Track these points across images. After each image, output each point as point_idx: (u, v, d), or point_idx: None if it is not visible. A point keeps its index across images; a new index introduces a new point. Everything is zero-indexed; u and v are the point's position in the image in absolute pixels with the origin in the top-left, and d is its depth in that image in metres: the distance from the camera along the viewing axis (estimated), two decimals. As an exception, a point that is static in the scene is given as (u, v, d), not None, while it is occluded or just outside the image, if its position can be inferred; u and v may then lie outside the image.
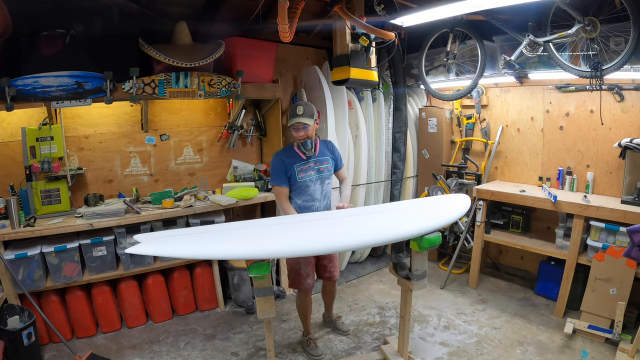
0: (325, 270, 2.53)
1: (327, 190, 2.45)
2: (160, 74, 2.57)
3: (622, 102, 2.78)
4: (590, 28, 2.43)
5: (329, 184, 2.46)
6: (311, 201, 2.39)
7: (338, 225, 2.04)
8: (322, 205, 2.41)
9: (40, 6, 2.37)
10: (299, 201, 2.40)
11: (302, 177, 2.35)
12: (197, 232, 1.93)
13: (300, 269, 2.41)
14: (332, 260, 2.53)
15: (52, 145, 2.57)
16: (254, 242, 1.79)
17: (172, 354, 2.51)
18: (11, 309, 2.29)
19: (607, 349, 2.40)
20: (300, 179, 2.35)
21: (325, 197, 2.44)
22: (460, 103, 3.80)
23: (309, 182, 2.37)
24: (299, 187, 2.38)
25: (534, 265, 3.38)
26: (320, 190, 2.40)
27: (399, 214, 2.20)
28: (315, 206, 2.39)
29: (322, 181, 2.41)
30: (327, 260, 2.51)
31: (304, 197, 2.38)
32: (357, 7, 2.68)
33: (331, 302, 2.78)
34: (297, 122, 2.31)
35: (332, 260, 2.53)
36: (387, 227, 1.97)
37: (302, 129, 2.32)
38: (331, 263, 2.53)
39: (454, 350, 2.48)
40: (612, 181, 2.88)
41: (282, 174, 2.36)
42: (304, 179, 2.36)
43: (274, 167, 2.40)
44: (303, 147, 2.35)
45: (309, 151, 2.35)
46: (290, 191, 2.42)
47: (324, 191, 2.42)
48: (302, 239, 1.84)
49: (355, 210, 2.35)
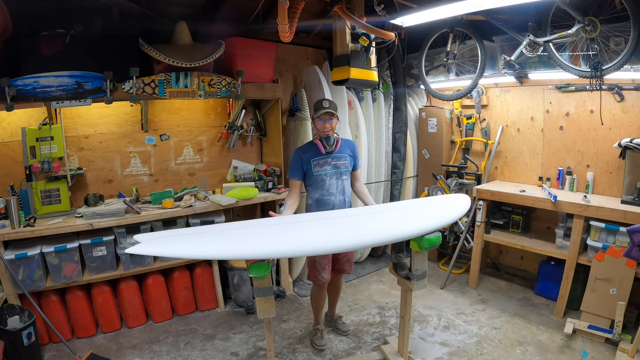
0: (338, 263, 2.54)
1: (343, 186, 2.45)
2: (160, 74, 2.57)
3: (622, 102, 2.79)
4: (590, 28, 2.43)
5: (346, 180, 2.46)
6: (327, 195, 2.41)
7: (339, 225, 2.04)
8: (338, 200, 2.42)
9: (40, 6, 2.37)
10: (315, 195, 2.43)
11: (317, 171, 2.39)
12: (197, 232, 1.92)
13: (316, 261, 2.46)
14: (346, 255, 2.54)
15: (52, 145, 2.57)
16: (254, 242, 1.79)
17: (172, 354, 2.51)
18: (11, 309, 2.29)
19: (607, 349, 2.40)
20: (315, 173, 2.39)
21: (341, 193, 2.44)
22: (460, 103, 3.80)
23: (324, 177, 2.39)
24: (314, 181, 2.41)
25: (534, 265, 3.38)
26: (336, 185, 2.42)
27: (399, 214, 2.20)
28: (332, 200, 2.41)
29: (338, 176, 2.42)
30: (341, 254, 2.52)
31: (321, 192, 2.41)
32: (357, 7, 2.68)
33: (334, 299, 2.79)
34: (324, 113, 2.34)
35: (346, 255, 2.54)
36: (388, 227, 1.96)
37: (328, 121, 2.35)
38: (345, 257, 2.54)
39: (454, 350, 2.48)
40: (612, 181, 2.88)
41: (297, 168, 2.41)
42: (319, 172, 2.39)
43: (292, 161, 2.47)
44: (326, 142, 2.38)
45: (331, 147, 2.38)
46: (307, 185, 2.46)
47: (340, 186, 2.43)
48: (302, 239, 1.83)
49: (356, 211, 2.35)
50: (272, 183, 3.30)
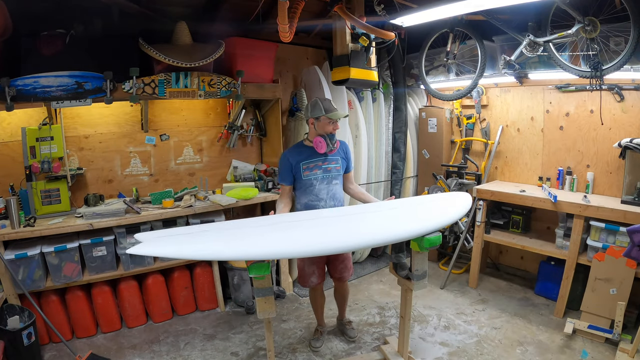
0: (335, 271, 2.50)
1: (334, 192, 2.38)
2: (160, 74, 2.57)
3: (622, 102, 2.78)
4: (590, 28, 2.43)
5: (337, 185, 2.40)
6: (316, 201, 2.34)
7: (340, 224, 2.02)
8: (328, 206, 2.35)
9: (40, 6, 2.37)
10: (304, 200, 2.37)
11: (306, 175, 2.33)
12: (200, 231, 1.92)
13: (304, 268, 2.44)
14: (343, 261, 2.49)
15: (52, 145, 2.57)
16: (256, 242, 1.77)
17: (172, 354, 2.51)
18: (11, 309, 2.29)
19: (607, 349, 2.40)
20: (304, 177, 2.33)
21: (332, 199, 2.37)
22: (460, 103, 3.80)
23: (313, 181, 2.33)
24: (303, 185, 2.35)
25: (534, 265, 3.38)
26: (327, 190, 2.35)
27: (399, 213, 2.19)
28: (321, 206, 2.34)
29: (328, 181, 2.36)
30: (337, 260, 2.47)
31: (309, 197, 2.35)
32: (357, 7, 2.68)
33: (342, 304, 2.73)
34: (336, 115, 2.28)
35: (343, 261, 2.49)
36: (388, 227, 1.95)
37: (337, 122, 2.33)
38: (342, 264, 2.49)
39: (454, 350, 2.48)
40: (612, 181, 2.88)
41: (286, 172, 2.36)
42: (308, 177, 2.33)
43: (280, 165, 2.41)
44: (329, 139, 2.31)
45: (333, 145, 2.32)
46: (296, 190, 2.41)
47: (330, 192, 2.36)
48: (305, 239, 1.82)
49: (356, 209, 2.34)
50: (272, 183, 3.30)
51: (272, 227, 1.98)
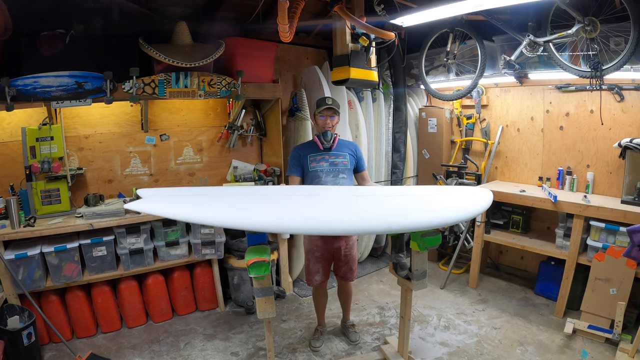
0: (340, 270, 2.52)
1: (341, 185, 2.42)
2: (160, 74, 2.57)
3: (622, 102, 2.79)
4: (590, 28, 2.43)
5: (343, 179, 2.42)
6: None
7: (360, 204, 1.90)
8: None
9: (40, 6, 2.37)
10: None
11: (313, 167, 2.39)
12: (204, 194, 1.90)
13: (309, 265, 2.47)
14: (347, 262, 2.49)
15: (52, 145, 2.57)
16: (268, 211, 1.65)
17: (172, 354, 2.51)
18: (11, 309, 2.29)
19: (607, 349, 2.40)
20: (311, 168, 2.39)
21: None
22: (460, 103, 3.80)
23: (319, 173, 2.38)
24: (310, 177, 2.41)
25: (534, 265, 3.38)
26: (333, 183, 2.39)
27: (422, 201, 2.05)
28: None
29: (335, 174, 2.40)
30: (341, 262, 2.48)
31: None
32: (357, 7, 2.68)
33: (345, 305, 2.72)
34: (325, 109, 2.37)
35: (347, 262, 2.49)
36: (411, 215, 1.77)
37: (330, 118, 2.39)
38: (346, 265, 2.49)
39: (454, 350, 2.48)
40: (612, 181, 2.88)
41: (295, 164, 2.43)
42: (315, 168, 2.39)
43: (290, 158, 2.49)
44: (323, 137, 2.39)
45: (328, 142, 2.39)
46: (303, 182, 2.45)
47: (337, 185, 2.40)
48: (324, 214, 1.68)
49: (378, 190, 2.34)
50: (272, 183, 3.30)
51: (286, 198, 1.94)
